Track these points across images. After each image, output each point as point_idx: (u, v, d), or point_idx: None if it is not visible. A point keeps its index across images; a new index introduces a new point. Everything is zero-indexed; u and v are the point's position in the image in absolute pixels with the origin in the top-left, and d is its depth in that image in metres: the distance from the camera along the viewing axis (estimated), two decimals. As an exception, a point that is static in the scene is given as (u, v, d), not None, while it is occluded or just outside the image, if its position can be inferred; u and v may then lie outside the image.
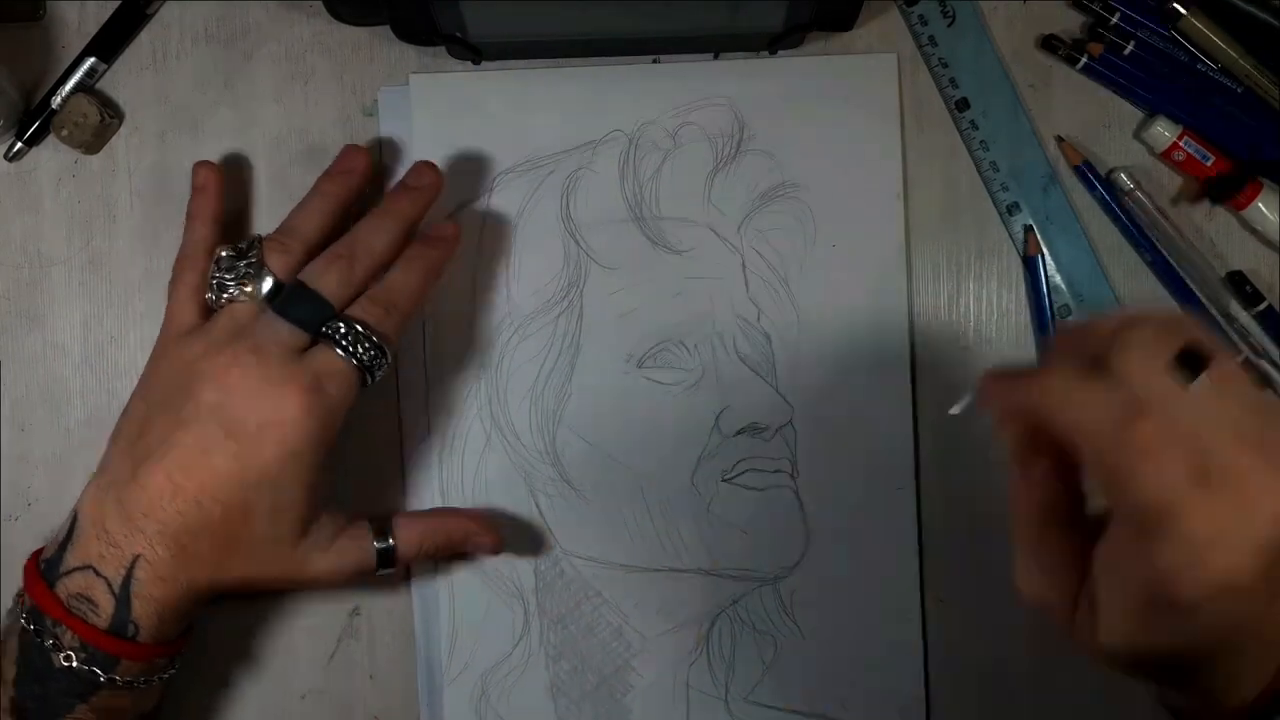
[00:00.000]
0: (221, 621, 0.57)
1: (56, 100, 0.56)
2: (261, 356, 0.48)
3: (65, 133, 0.56)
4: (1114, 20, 0.58)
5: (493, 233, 0.57)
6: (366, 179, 0.55)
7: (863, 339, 0.58)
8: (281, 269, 0.50)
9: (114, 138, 0.57)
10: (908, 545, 0.58)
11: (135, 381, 0.57)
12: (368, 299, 0.50)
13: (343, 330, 0.49)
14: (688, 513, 0.58)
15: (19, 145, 0.57)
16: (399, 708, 0.58)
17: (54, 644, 0.46)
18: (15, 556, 0.56)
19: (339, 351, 0.48)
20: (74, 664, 0.46)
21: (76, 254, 0.57)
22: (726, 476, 0.57)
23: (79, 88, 0.57)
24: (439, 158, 0.57)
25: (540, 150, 0.58)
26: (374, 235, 0.52)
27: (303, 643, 0.58)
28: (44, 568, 0.48)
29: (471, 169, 0.57)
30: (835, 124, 0.58)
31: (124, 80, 0.58)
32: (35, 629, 0.47)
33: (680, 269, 0.58)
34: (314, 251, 0.51)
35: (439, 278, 0.54)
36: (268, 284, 0.50)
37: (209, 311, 0.51)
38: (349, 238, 0.51)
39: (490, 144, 0.57)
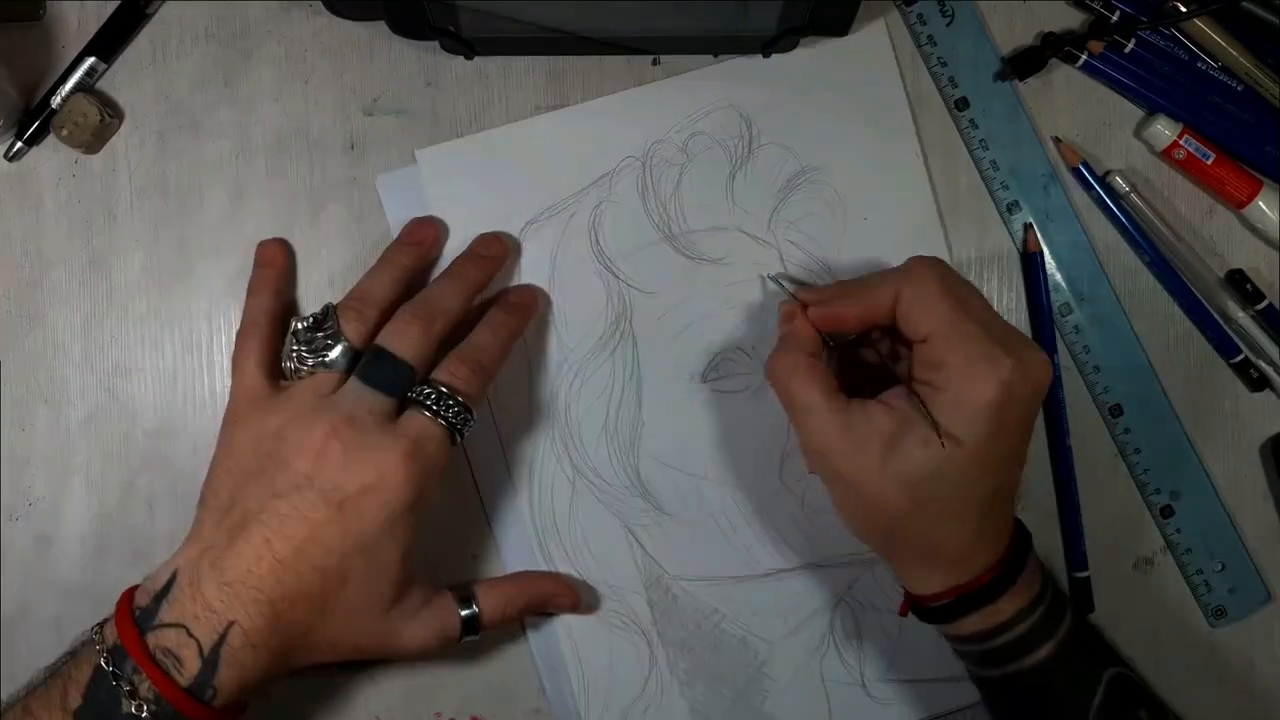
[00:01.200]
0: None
1: (56, 100, 0.56)
2: (356, 425, 0.48)
3: (65, 132, 0.56)
4: (1114, 18, 0.58)
5: (531, 284, 0.57)
6: (435, 250, 0.56)
7: None
8: (358, 337, 0.51)
9: (114, 138, 0.57)
10: None
11: (136, 382, 0.57)
12: (454, 361, 0.51)
13: (430, 394, 0.49)
14: (783, 511, 0.58)
15: (19, 145, 0.57)
16: (399, 707, 0.58)
17: (130, 690, 0.46)
18: (15, 557, 0.56)
19: (427, 414, 0.49)
20: (143, 714, 0.46)
21: (76, 254, 0.57)
22: None
23: (79, 87, 0.57)
24: (460, 224, 0.57)
25: (558, 194, 0.57)
26: (447, 297, 0.53)
27: (303, 642, 0.58)
28: (138, 615, 0.48)
29: (496, 227, 0.57)
30: (839, 101, 0.58)
31: (124, 80, 0.58)
32: (114, 670, 0.46)
33: (721, 277, 0.58)
34: (387, 318, 0.52)
35: (518, 339, 0.55)
36: (340, 351, 0.50)
37: (278, 378, 0.52)
38: (422, 299, 0.52)
39: (508, 199, 0.57)
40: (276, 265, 0.56)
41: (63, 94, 0.56)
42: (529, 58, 0.58)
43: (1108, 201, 0.59)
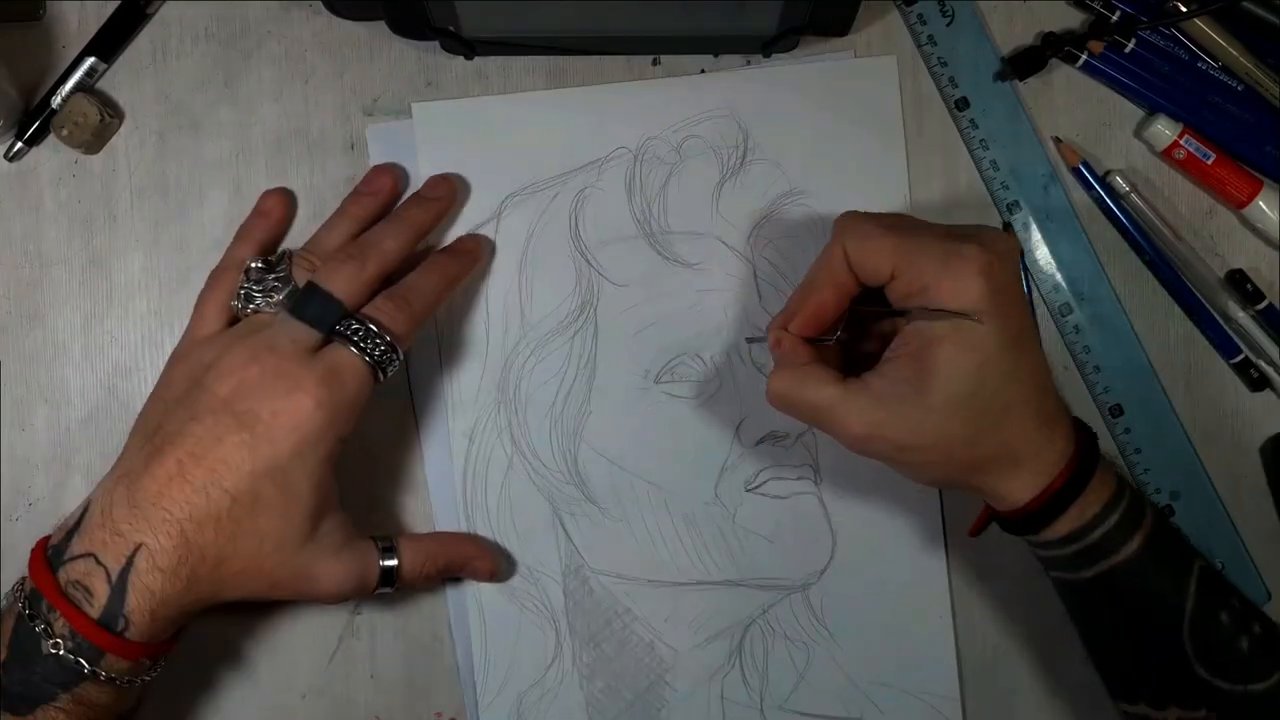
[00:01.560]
0: (223, 620, 0.57)
1: (56, 100, 0.56)
2: (277, 352, 0.49)
3: (65, 133, 0.56)
4: (1115, 18, 0.58)
5: (503, 257, 0.57)
6: (393, 199, 0.56)
7: None
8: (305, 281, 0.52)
9: (114, 138, 0.57)
10: (934, 542, 0.58)
11: (136, 381, 0.58)
12: (382, 297, 0.51)
13: (355, 328, 0.50)
14: (713, 525, 0.58)
15: (19, 145, 0.57)
16: (399, 707, 0.58)
17: (45, 629, 0.46)
18: (15, 557, 0.56)
19: (351, 349, 0.49)
20: (60, 652, 0.46)
21: (76, 254, 0.57)
22: (750, 486, 0.57)
23: (79, 87, 0.56)
24: None
25: (546, 171, 0.58)
26: (384, 237, 0.53)
27: (303, 642, 0.58)
28: (50, 553, 0.48)
29: (478, 194, 0.57)
30: (839, 129, 0.58)
31: (124, 80, 0.58)
32: (30, 612, 0.47)
33: (692, 282, 0.58)
34: None
35: (457, 285, 0.56)
36: (289, 294, 0.51)
37: (233, 321, 0.53)
38: (359, 240, 0.53)
39: (495, 168, 0.57)
40: (272, 217, 0.56)
41: (63, 94, 0.56)
42: (529, 58, 0.58)
43: (1108, 201, 0.59)
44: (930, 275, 0.47)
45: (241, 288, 0.52)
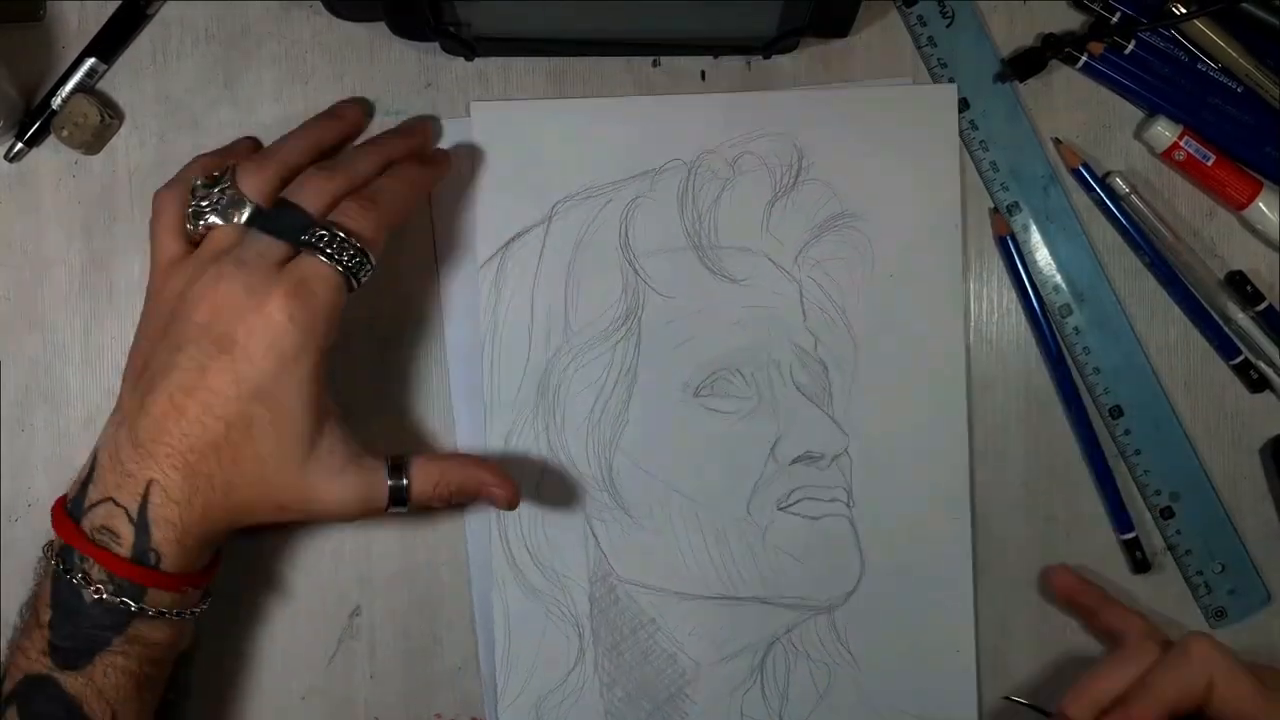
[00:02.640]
0: (223, 619, 0.57)
1: (56, 100, 0.56)
2: (244, 268, 0.48)
3: (65, 133, 0.56)
4: (1114, 20, 0.58)
5: (551, 260, 0.57)
6: (356, 130, 0.57)
7: (920, 369, 0.58)
8: (255, 189, 0.50)
9: (114, 138, 0.57)
10: (962, 574, 0.58)
11: (135, 381, 0.57)
12: (346, 200, 0.50)
13: (323, 235, 0.49)
14: (743, 541, 0.58)
15: (19, 145, 0.57)
16: (399, 707, 0.58)
17: (83, 578, 0.47)
18: (15, 556, 0.56)
19: (321, 257, 0.48)
20: (103, 596, 0.47)
21: (76, 254, 0.57)
22: (782, 505, 0.57)
23: (79, 88, 0.56)
24: (495, 184, 0.57)
25: (599, 178, 0.58)
26: (357, 159, 0.53)
27: (303, 643, 0.58)
28: (70, 507, 0.49)
29: (531, 196, 0.57)
30: (895, 155, 0.58)
31: (124, 80, 0.58)
32: (65, 567, 0.47)
33: (738, 298, 0.58)
34: (290, 178, 0.51)
35: (425, 193, 0.56)
36: (246, 208, 0.50)
37: (194, 243, 0.51)
38: (333, 159, 0.53)
39: (549, 172, 0.57)
40: (236, 156, 0.54)
41: (63, 95, 0.56)
42: (529, 59, 0.58)
43: (1108, 203, 0.59)
44: None
45: (189, 205, 0.51)
